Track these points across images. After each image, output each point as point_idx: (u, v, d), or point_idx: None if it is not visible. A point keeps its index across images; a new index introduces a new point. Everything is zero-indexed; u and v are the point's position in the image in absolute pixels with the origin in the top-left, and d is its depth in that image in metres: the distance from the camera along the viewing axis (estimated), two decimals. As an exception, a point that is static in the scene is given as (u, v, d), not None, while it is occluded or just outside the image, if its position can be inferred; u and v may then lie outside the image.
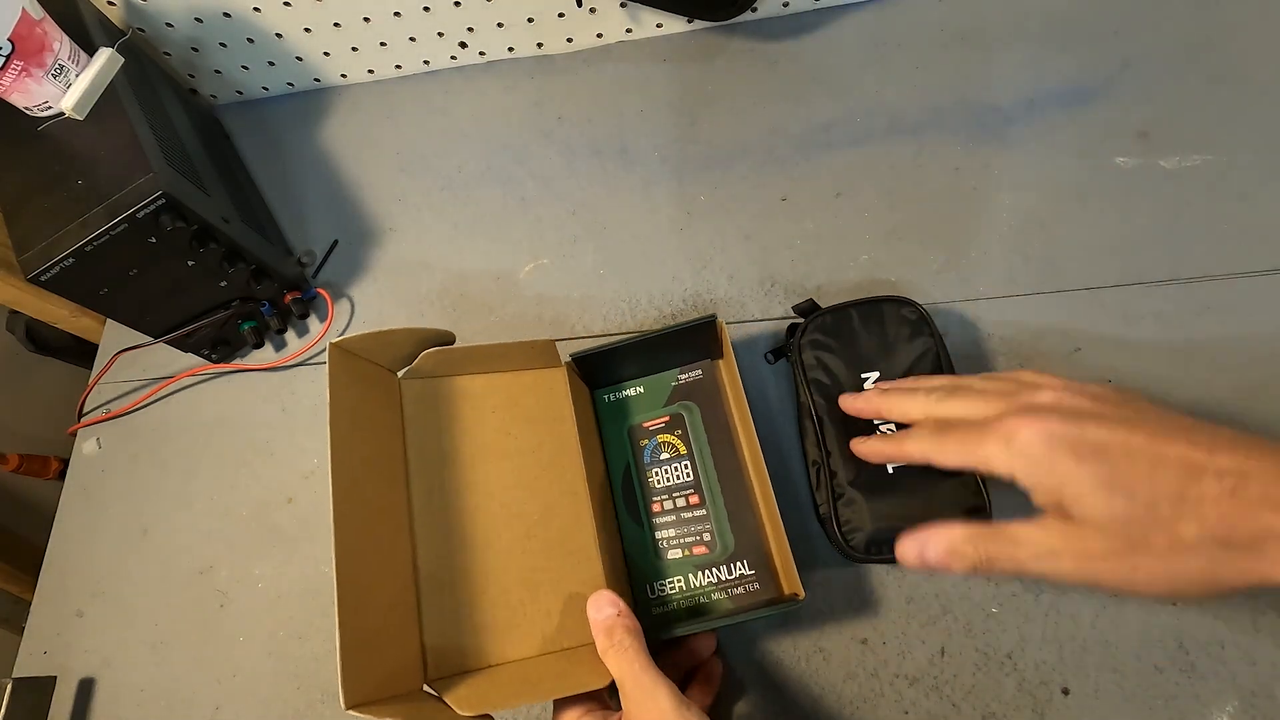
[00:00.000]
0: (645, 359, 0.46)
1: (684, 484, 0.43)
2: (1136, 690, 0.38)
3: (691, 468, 0.44)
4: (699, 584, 0.41)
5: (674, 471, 0.44)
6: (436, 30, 0.61)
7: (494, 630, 0.36)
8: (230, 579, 0.49)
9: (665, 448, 0.44)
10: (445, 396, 0.42)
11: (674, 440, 0.44)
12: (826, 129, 0.56)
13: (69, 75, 0.46)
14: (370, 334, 0.38)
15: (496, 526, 0.39)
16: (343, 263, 0.58)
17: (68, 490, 0.54)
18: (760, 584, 0.40)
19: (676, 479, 0.43)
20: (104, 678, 0.48)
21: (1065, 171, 0.51)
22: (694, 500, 0.43)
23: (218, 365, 0.55)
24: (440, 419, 0.41)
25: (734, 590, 0.40)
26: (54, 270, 0.43)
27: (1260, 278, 0.46)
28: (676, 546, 0.42)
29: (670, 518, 0.43)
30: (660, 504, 0.43)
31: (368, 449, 0.37)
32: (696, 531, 0.42)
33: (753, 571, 0.41)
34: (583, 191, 0.58)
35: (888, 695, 0.40)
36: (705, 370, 0.46)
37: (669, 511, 0.43)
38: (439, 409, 0.41)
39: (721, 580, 0.41)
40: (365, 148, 0.63)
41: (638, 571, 0.42)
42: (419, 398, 0.41)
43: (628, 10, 0.60)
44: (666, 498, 0.43)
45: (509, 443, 0.41)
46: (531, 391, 0.43)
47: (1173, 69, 0.53)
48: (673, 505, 0.43)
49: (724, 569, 0.41)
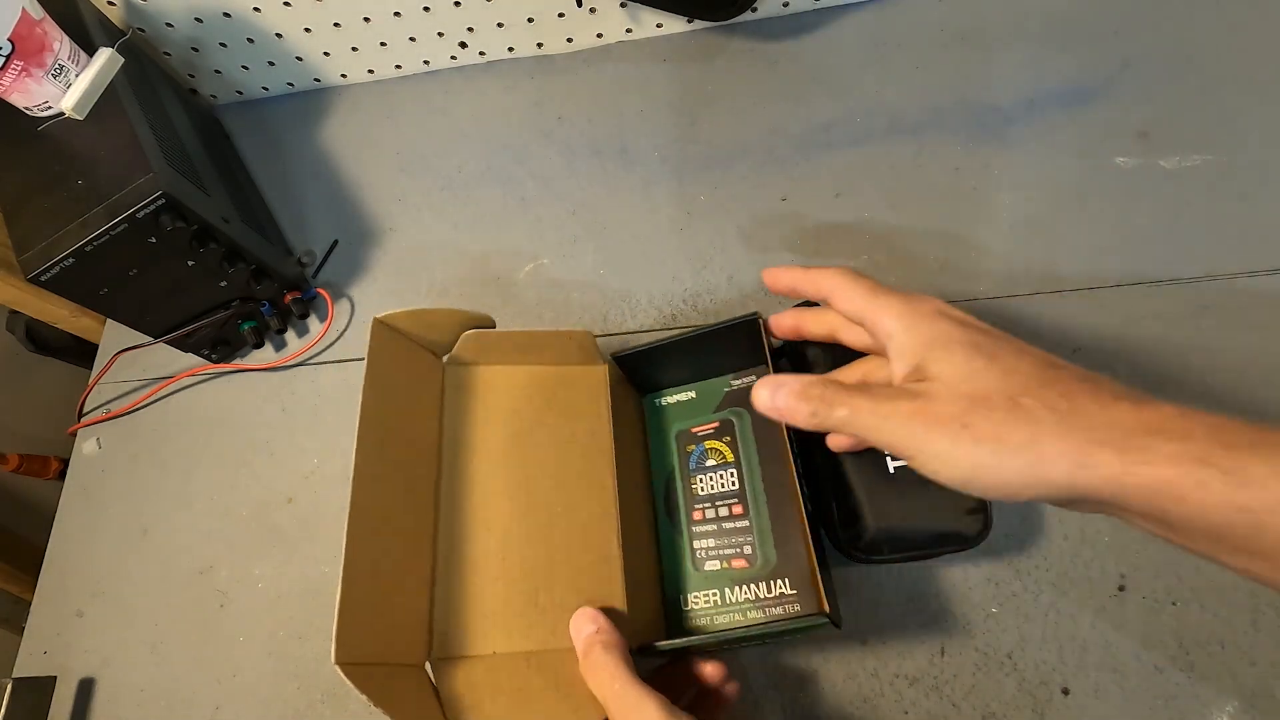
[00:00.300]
0: (695, 362, 0.44)
1: (728, 493, 0.41)
2: (1136, 690, 0.38)
3: (737, 476, 0.42)
4: (735, 599, 0.39)
5: (719, 479, 0.42)
6: (436, 30, 0.61)
7: (504, 617, 0.36)
8: (230, 579, 0.49)
9: (712, 454, 0.43)
10: (484, 383, 0.41)
11: (722, 447, 0.43)
12: (826, 129, 0.56)
13: (69, 75, 0.46)
14: (413, 311, 0.38)
15: (519, 514, 0.38)
16: (343, 263, 0.58)
17: (68, 490, 0.54)
18: (802, 605, 0.37)
19: (720, 487, 0.42)
20: (104, 678, 0.48)
21: (1065, 171, 0.51)
22: (737, 510, 0.41)
23: (218, 365, 0.55)
24: (477, 405, 0.41)
25: (772, 609, 0.38)
26: (54, 270, 0.43)
27: (1260, 278, 0.46)
28: (715, 558, 0.40)
29: (711, 527, 0.41)
30: (702, 512, 0.41)
31: (399, 425, 0.37)
32: (737, 544, 0.40)
33: (794, 591, 0.38)
34: (583, 191, 0.58)
35: (888, 695, 0.40)
36: (760, 376, 0.44)
37: (710, 520, 0.41)
38: (477, 395, 0.41)
39: (760, 598, 0.38)
40: (365, 148, 0.63)
41: (671, 581, 0.40)
42: (459, 384, 0.41)
43: (628, 10, 0.60)
44: (709, 505, 0.41)
45: (542, 434, 0.41)
46: (571, 386, 0.42)
47: (1173, 69, 0.53)
48: (715, 514, 0.41)
49: (763, 585, 0.38)
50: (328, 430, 0.53)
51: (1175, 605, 0.40)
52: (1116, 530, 0.41)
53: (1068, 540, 0.41)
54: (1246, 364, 0.44)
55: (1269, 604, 0.39)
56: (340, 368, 0.55)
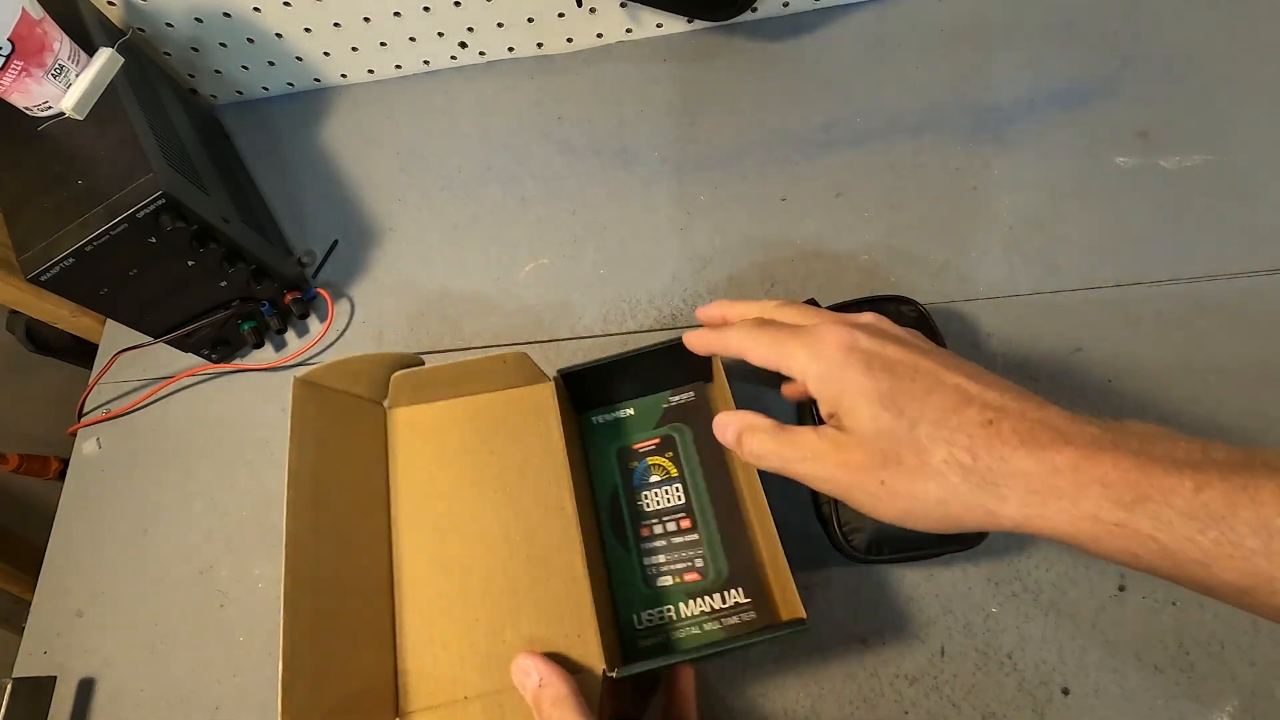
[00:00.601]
0: (636, 379, 0.44)
1: (675, 507, 0.41)
2: (1136, 690, 0.38)
3: (683, 490, 0.42)
4: (690, 613, 0.39)
5: (665, 495, 0.42)
6: (436, 30, 0.61)
7: (473, 659, 0.35)
8: (230, 579, 0.49)
9: (656, 470, 0.43)
10: (428, 423, 0.41)
11: (664, 462, 0.43)
12: (826, 129, 0.56)
13: (69, 75, 0.46)
14: (332, 364, 0.38)
15: (478, 551, 0.38)
16: (343, 263, 0.58)
17: (68, 490, 0.54)
18: (756, 612, 0.38)
19: (667, 502, 0.42)
20: (104, 678, 0.48)
21: (1065, 171, 0.51)
22: (685, 524, 0.41)
23: (218, 365, 0.55)
24: (422, 446, 0.40)
25: (728, 619, 0.38)
26: (54, 270, 0.43)
27: (1260, 278, 0.46)
28: (667, 573, 0.40)
29: (661, 543, 0.41)
30: (650, 528, 0.41)
31: (337, 480, 0.36)
32: (688, 557, 0.40)
33: (749, 600, 0.38)
34: (583, 191, 0.58)
35: (888, 695, 0.40)
36: (697, 392, 0.45)
37: (659, 536, 0.41)
38: (421, 436, 0.41)
39: (715, 609, 0.38)
40: (365, 148, 0.63)
41: (624, 600, 0.40)
42: (402, 427, 0.41)
43: (628, 10, 0.60)
44: (657, 522, 0.41)
45: (494, 462, 0.40)
46: (516, 409, 0.42)
47: (1173, 69, 0.53)
48: (663, 530, 0.41)
49: (717, 597, 0.39)
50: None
51: (1175, 605, 0.40)
52: (1116, 530, 0.41)
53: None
54: (1246, 364, 0.44)
55: (1269, 604, 0.39)
56: (340, 368, 0.55)
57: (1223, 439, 0.42)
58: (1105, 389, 0.45)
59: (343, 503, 0.36)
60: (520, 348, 0.52)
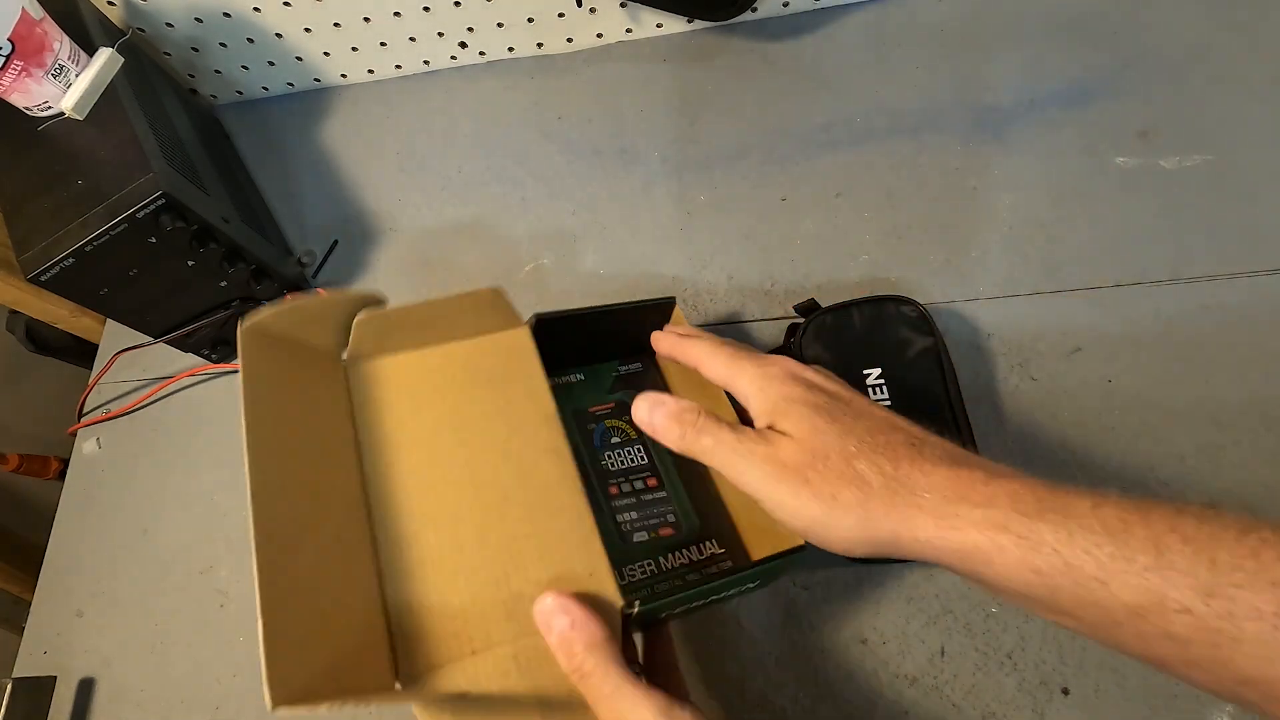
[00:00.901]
0: (594, 340, 0.43)
1: (639, 467, 0.40)
2: (1136, 690, 0.38)
3: (645, 451, 0.41)
4: (671, 565, 0.38)
5: (627, 455, 0.41)
6: (436, 30, 0.61)
7: (474, 614, 0.32)
8: (230, 579, 0.49)
9: (615, 432, 0.42)
10: (397, 374, 0.38)
11: (623, 425, 0.42)
12: (826, 129, 0.56)
13: (69, 75, 0.46)
14: (285, 309, 0.34)
15: (467, 500, 0.34)
16: (343, 263, 0.58)
17: (68, 490, 0.54)
18: (733, 560, 0.38)
19: (631, 462, 0.41)
20: (104, 678, 0.48)
21: (1065, 171, 0.51)
22: (652, 483, 0.40)
23: (218, 365, 0.55)
24: (393, 397, 0.37)
25: (708, 569, 0.38)
26: (54, 270, 0.43)
27: (1260, 278, 0.46)
28: (641, 529, 0.38)
29: (630, 499, 0.39)
30: (617, 487, 0.40)
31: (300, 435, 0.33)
32: (660, 513, 0.39)
33: (723, 550, 0.38)
34: (583, 191, 0.58)
35: (887, 695, 0.40)
36: (645, 364, 0.44)
37: (627, 494, 0.40)
38: (391, 386, 0.37)
39: (694, 560, 0.38)
40: (365, 148, 0.63)
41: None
42: (367, 379, 0.37)
43: (628, 10, 0.60)
44: (624, 480, 0.40)
45: (474, 410, 0.37)
46: (491, 354, 0.39)
47: (1173, 69, 0.53)
48: (631, 488, 0.40)
49: (694, 549, 0.38)
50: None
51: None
52: (1116, 530, 0.41)
53: (1068, 540, 0.41)
54: (1246, 364, 0.44)
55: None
56: (340, 368, 0.55)
57: (1223, 439, 0.42)
58: (1105, 389, 0.45)
59: (311, 456, 0.33)
60: (520, 348, 0.52)
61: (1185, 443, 0.43)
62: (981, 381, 0.46)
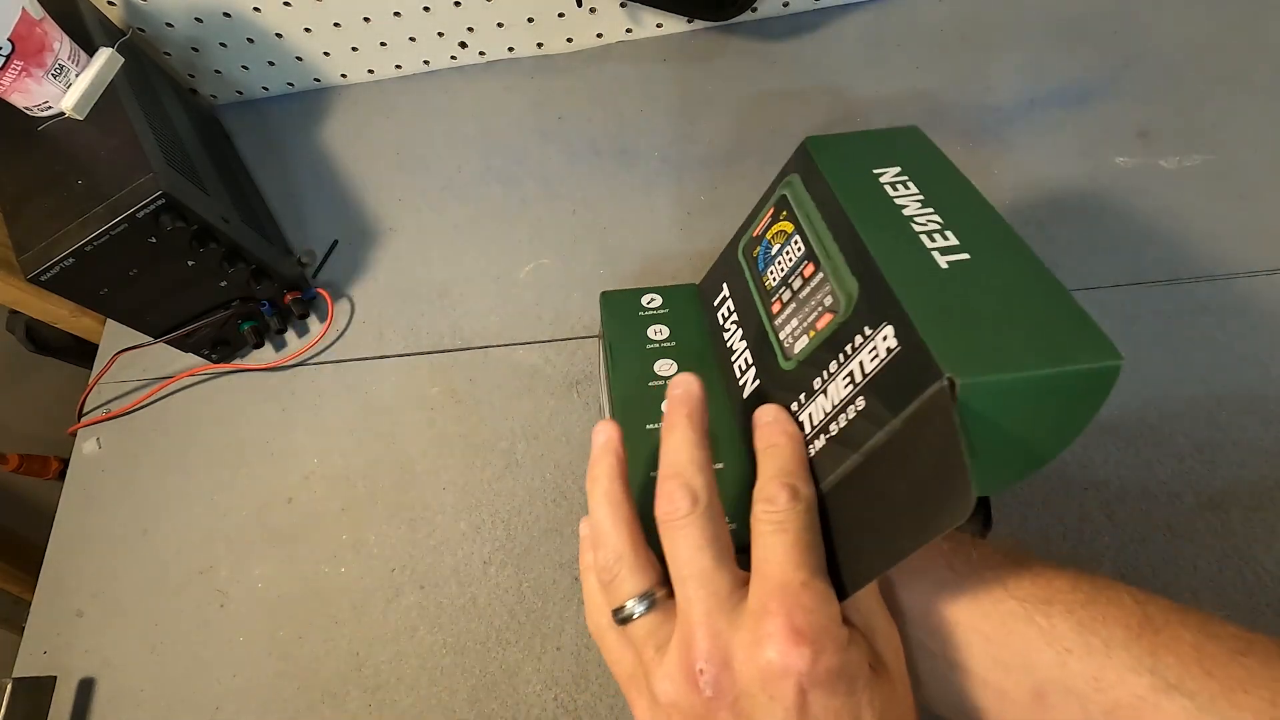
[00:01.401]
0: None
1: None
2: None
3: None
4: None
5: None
6: (436, 30, 0.61)
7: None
8: (230, 579, 0.49)
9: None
10: None
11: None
12: (826, 129, 0.56)
13: (69, 75, 0.46)
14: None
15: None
16: (343, 263, 0.58)
17: (68, 490, 0.54)
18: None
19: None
20: (104, 678, 0.48)
21: (1065, 171, 0.51)
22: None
23: (218, 365, 0.55)
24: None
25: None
26: (54, 270, 0.43)
27: (1260, 278, 0.46)
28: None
29: (791, 307, 0.32)
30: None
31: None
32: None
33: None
34: (583, 191, 0.58)
35: (888, 695, 0.40)
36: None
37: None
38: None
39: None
40: (365, 148, 0.63)
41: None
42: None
43: (628, 10, 0.60)
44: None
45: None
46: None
47: (1173, 69, 0.53)
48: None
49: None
50: (327, 430, 0.53)
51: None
52: (1115, 530, 0.41)
53: (1066, 540, 0.41)
54: (1247, 364, 0.44)
55: (1269, 604, 0.39)
56: (340, 368, 0.55)
57: (1222, 440, 0.42)
58: (1105, 389, 0.45)
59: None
60: (520, 348, 0.53)
61: (1184, 442, 0.43)
62: (981, 381, 0.46)
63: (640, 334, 0.39)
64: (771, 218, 0.36)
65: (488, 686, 0.43)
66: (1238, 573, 0.40)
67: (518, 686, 0.43)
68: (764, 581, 0.24)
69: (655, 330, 0.39)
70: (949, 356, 0.22)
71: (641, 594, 0.26)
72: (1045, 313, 0.25)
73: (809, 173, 0.35)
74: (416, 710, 0.44)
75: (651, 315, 0.40)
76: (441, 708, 0.43)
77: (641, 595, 0.26)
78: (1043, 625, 0.24)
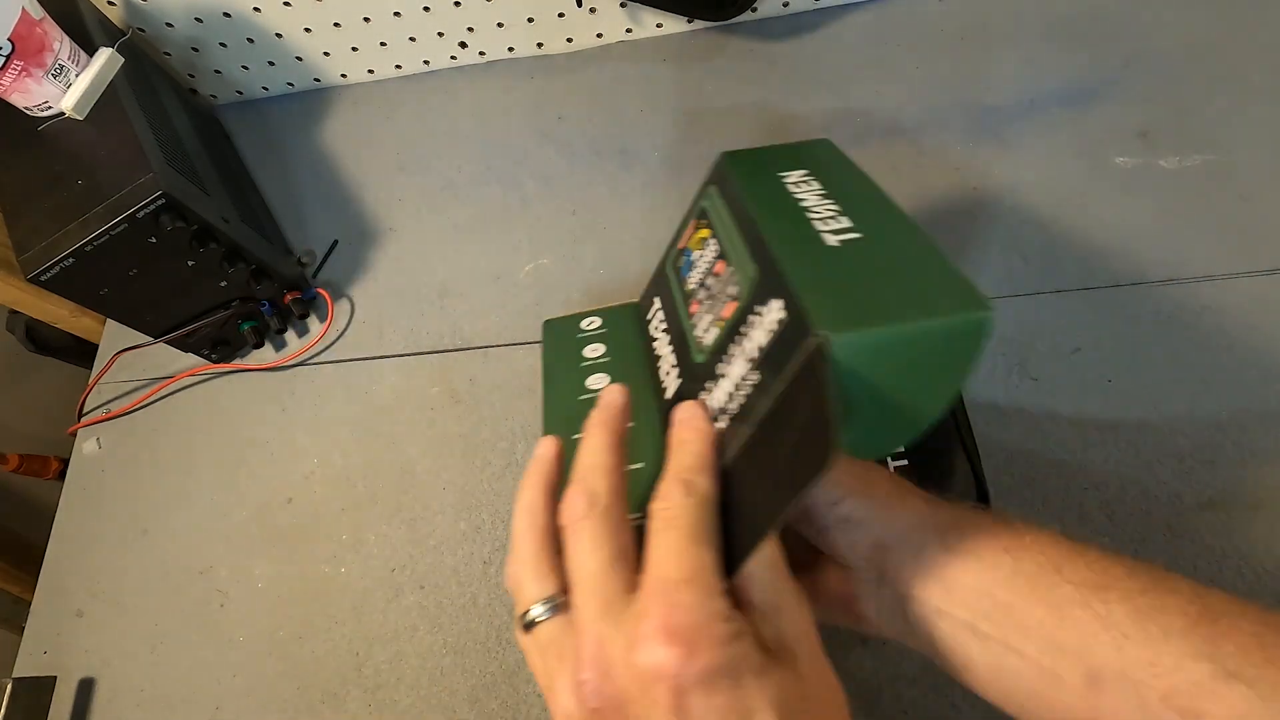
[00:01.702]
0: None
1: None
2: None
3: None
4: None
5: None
6: (436, 30, 0.61)
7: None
8: (230, 579, 0.49)
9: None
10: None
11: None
12: (826, 129, 0.56)
13: (69, 75, 0.46)
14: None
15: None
16: (343, 263, 0.58)
17: (68, 490, 0.54)
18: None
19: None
20: (104, 678, 0.48)
21: (1065, 171, 0.51)
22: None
23: (218, 365, 0.55)
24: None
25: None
26: (54, 270, 0.43)
27: (1260, 278, 0.46)
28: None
29: (705, 305, 0.33)
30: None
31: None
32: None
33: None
34: (583, 191, 0.58)
35: (887, 695, 0.40)
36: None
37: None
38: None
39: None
40: (365, 148, 0.63)
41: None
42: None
43: (628, 10, 0.60)
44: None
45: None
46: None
47: (1173, 69, 0.53)
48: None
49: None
50: (327, 430, 0.53)
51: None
52: (1115, 529, 0.41)
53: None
54: (1247, 364, 0.44)
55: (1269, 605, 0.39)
56: (340, 368, 0.55)
57: (1221, 439, 0.42)
58: (1105, 389, 0.45)
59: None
60: (520, 348, 0.53)
61: (1184, 443, 0.43)
62: (981, 381, 0.46)
63: (576, 354, 0.40)
64: (694, 229, 0.37)
65: (488, 686, 0.43)
66: (1238, 573, 0.40)
67: (518, 686, 0.43)
68: (647, 581, 0.24)
69: (592, 349, 0.40)
70: (823, 316, 0.23)
71: (544, 599, 0.26)
72: (923, 277, 0.27)
73: (724, 183, 0.36)
74: (416, 710, 0.44)
75: (589, 335, 0.41)
76: (441, 708, 0.43)
77: (544, 600, 0.26)
78: (1099, 611, 0.24)
